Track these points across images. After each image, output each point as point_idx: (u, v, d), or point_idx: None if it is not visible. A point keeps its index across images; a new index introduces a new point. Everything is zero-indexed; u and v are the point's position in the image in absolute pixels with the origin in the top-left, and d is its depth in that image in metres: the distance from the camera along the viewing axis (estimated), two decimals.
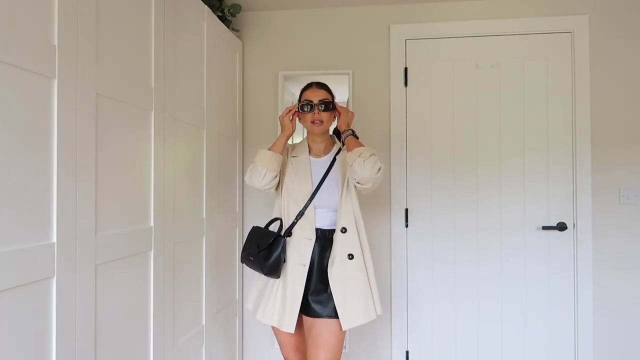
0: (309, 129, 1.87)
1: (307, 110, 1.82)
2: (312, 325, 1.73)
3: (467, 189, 2.49)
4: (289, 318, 1.71)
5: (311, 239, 1.75)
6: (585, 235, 2.37)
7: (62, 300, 1.14)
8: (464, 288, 2.48)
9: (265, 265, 1.72)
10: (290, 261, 1.75)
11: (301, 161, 1.86)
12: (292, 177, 1.83)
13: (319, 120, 1.81)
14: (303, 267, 1.73)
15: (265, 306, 1.77)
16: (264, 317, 1.76)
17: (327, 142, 1.92)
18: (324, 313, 1.71)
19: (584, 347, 2.37)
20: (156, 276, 1.62)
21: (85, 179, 1.23)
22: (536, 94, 2.45)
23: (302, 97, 1.88)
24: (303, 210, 1.78)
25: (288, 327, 1.71)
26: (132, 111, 1.48)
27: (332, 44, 2.60)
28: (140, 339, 1.54)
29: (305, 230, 1.76)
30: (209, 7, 2.18)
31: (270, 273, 1.73)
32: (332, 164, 1.84)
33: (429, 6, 2.52)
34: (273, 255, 1.71)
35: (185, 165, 1.88)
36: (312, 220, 1.77)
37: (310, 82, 1.90)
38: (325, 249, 1.77)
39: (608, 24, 2.39)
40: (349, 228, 1.75)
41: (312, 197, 1.78)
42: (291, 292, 1.72)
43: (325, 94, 1.85)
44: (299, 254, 1.75)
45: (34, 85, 1.06)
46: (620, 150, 2.37)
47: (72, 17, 1.18)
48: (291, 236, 1.78)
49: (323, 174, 1.82)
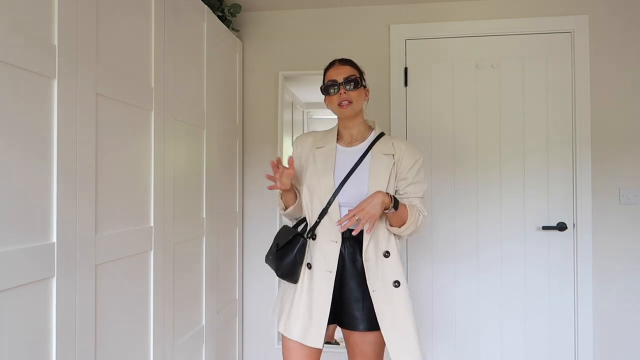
0: (338, 113, 1.62)
1: (333, 92, 1.58)
2: (349, 335, 1.58)
3: (467, 188, 2.49)
4: (315, 332, 1.50)
5: (337, 241, 1.53)
6: (585, 235, 2.37)
7: (62, 300, 1.14)
8: (464, 288, 2.48)
9: (279, 265, 1.55)
10: (316, 267, 1.54)
11: (325, 152, 1.62)
12: (314, 171, 1.59)
13: (347, 100, 1.56)
14: (330, 273, 1.52)
15: (289, 317, 1.56)
16: (287, 330, 1.55)
17: (361, 127, 1.65)
18: (360, 326, 1.53)
19: (584, 347, 2.37)
20: (156, 276, 1.62)
21: (85, 178, 1.23)
22: (536, 94, 2.45)
23: (325, 77, 1.64)
24: (326, 209, 1.55)
25: (314, 342, 1.49)
26: (132, 111, 1.48)
27: (332, 44, 2.60)
28: (140, 339, 1.53)
29: (330, 232, 1.54)
30: (209, 7, 2.18)
31: (284, 276, 1.56)
32: (365, 153, 1.59)
33: (429, 6, 2.52)
34: (289, 256, 1.54)
35: (185, 165, 1.88)
36: (337, 219, 1.53)
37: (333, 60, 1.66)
38: (355, 251, 1.55)
39: (608, 24, 2.39)
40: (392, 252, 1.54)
41: (335, 192, 1.54)
42: (317, 302, 1.52)
43: (350, 69, 1.60)
44: (324, 258, 1.54)
45: (34, 85, 1.06)
46: (620, 150, 2.37)
47: (72, 17, 1.18)
48: (316, 239, 1.57)
49: (352, 166, 1.57)
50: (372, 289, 1.51)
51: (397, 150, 1.60)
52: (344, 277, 1.55)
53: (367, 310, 1.53)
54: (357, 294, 1.54)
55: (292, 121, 2.89)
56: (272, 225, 2.62)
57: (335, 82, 1.57)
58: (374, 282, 1.51)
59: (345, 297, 1.55)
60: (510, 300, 2.45)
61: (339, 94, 1.57)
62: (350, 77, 1.57)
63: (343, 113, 1.59)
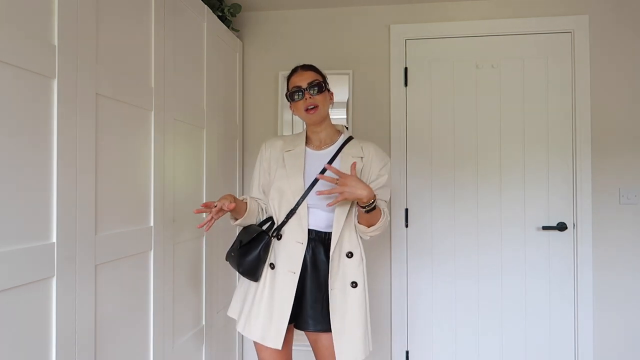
0: (305, 119, 1.63)
1: (298, 98, 1.59)
2: (317, 338, 1.58)
3: (467, 188, 2.49)
4: (275, 333, 1.50)
5: (303, 242, 1.54)
6: (585, 235, 2.37)
7: (62, 300, 1.14)
8: (464, 288, 2.48)
9: (242, 262, 1.53)
10: (280, 267, 1.54)
11: (294, 155, 1.62)
12: (283, 173, 1.60)
13: (313, 105, 1.57)
14: (293, 274, 1.52)
15: (248, 317, 1.55)
16: (245, 330, 1.55)
17: (329, 130, 1.67)
18: (313, 327, 1.54)
19: (584, 347, 2.37)
20: (156, 276, 1.62)
21: (85, 178, 1.23)
22: (536, 93, 2.45)
23: (289, 84, 1.65)
24: (294, 209, 1.55)
25: (274, 343, 1.50)
26: (132, 111, 1.48)
27: (332, 44, 2.60)
28: (140, 339, 1.53)
29: (297, 233, 1.54)
30: (209, 7, 2.18)
31: (246, 273, 1.55)
32: (334, 156, 1.61)
33: (429, 6, 2.52)
34: (252, 252, 1.52)
35: (185, 165, 1.88)
36: (305, 221, 1.55)
37: (295, 66, 1.67)
38: (319, 252, 1.57)
39: (608, 24, 2.39)
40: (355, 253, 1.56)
41: (305, 194, 1.55)
42: (279, 302, 1.52)
43: (313, 74, 1.62)
44: (289, 259, 1.53)
45: (34, 85, 1.06)
46: (620, 150, 2.37)
47: (72, 17, 1.18)
48: (281, 239, 1.57)
49: (321, 169, 1.58)
50: (331, 288, 1.53)
51: (365, 153, 1.62)
52: (304, 279, 1.56)
53: (324, 311, 1.54)
54: (315, 295, 1.55)
55: (292, 121, 2.89)
56: None
57: (300, 88, 1.59)
58: (334, 281, 1.53)
59: (304, 298, 1.56)
60: (510, 301, 2.45)
61: (304, 99, 1.58)
62: (314, 82, 1.58)
63: (310, 119, 1.60)
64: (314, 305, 1.55)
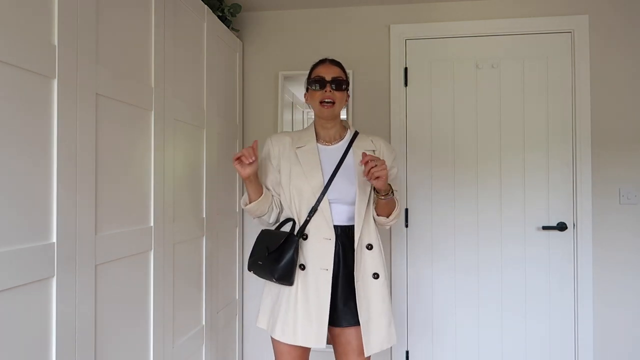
0: (317, 112, 1.62)
1: (316, 88, 1.58)
2: (341, 333, 1.58)
3: (467, 189, 2.49)
4: (317, 331, 1.48)
5: (331, 238, 1.53)
6: (585, 235, 2.37)
7: (62, 300, 1.14)
8: (464, 287, 2.48)
9: (276, 268, 1.50)
10: (310, 266, 1.52)
11: (307, 151, 1.61)
12: (299, 170, 1.58)
13: (330, 100, 1.57)
14: (326, 271, 1.51)
15: (285, 322, 1.52)
16: (285, 336, 1.51)
17: (339, 127, 1.68)
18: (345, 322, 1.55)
19: (584, 347, 2.37)
20: (156, 276, 1.62)
21: (85, 179, 1.23)
22: (536, 93, 2.45)
23: (312, 73, 1.64)
24: (316, 206, 1.54)
25: (316, 342, 1.48)
26: (132, 111, 1.48)
27: (332, 44, 2.60)
28: (140, 339, 1.53)
29: (323, 229, 1.54)
30: (209, 7, 2.18)
31: (282, 278, 1.51)
32: (346, 151, 1.62)
33: (429, 6, 2.52)
34: (285, 257, 1.50)
35: (185, 165, 1.88)
36: (329, 216, 1.54)
37: (323, 58, 1.68)
38: (347, 247, 1.57)
39: (608, 24, 2.40)
40: (375, 245, 1.59)
41: (325, 189, 1.55)
42: (316, 301, 1.50)
43: (339, 71, 1.62)
44: (319, 257, 1.52)
45: (34, 85, 1.06)
46: (620, 150, 2.37)
47: (72, 17, 1.18)
48: (307, 238, 1.55)
49: (336, 164, 1.59)
50: (356, 280, 1.55)
51: (377, 147, 1.68)
52: (336, 275, 1.56)
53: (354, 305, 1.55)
54: (347, 291, 1.56)
55: (292, 121, 2.89)
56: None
57: (323, 80, 1.59)
58: (357, 273, 1.55)
59: (338, 295, 1.56)
60: (510, 300, 2.45)
61: (323, 91, 1.58)
62: (338, 79, 1.60)
63: (323, 113, 1.60)
64: (347, 302, 1.56)
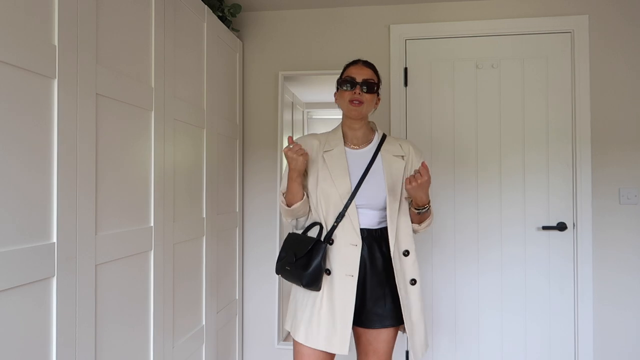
0: (346, 111, 1.62)
1: (347, 88, 1.59)
2: (363, 334, 1.60)
3: (467, 189, 2.49)
4: (340, 338, 1.48)
5: (357, 244, 1.52)
6: (585, 235, 2.37)
7: (62, 300, 1.14)
8: (464, 288, 2.48)
9: (304, 275, 1.50)
10: (336, 272, 1.52)
11: (335, 155, 1.60)
12: (326, 175, 1.58)
13: (358, 100, 1.57)
14: (352, 278, 1.50)
15: (309, 326, 1.52)
16: (309, 340, 1.51)
17: (366, 129, 1.67)
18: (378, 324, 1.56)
19: (584, 347, 2.37)
20: (156, 276, 1.62)
21: (85, 178, 1.23)
22: (536, 93, 2.45)
23: (344, 73, 1.65)
24: (343, 212, 1.54)
25: (339, 349, 1.48)
26: (132, 111, 1.48)
27: (332, 44, 2.60)
28: (141, 339, 1.53)
29: (349, 235, 1.53)
30: (209, 7, 2.18)
31: (309, 284, 1.51)
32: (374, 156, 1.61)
33: (429, 6, 2.52)
34: (313, 264, 1.49)
35: (185, 165, 1.88)
36: (356, 222, 1.53)
37: (357, 58, 1.69)
38: (375, 250, 1.57)
39: (608, 24, 2.40)
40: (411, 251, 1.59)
41: (352, 195, 1.55)
42: (340, 307, 1.50)
43: (371, 73, 1.63)
44: (345, 263, 1.52)
45: (34, 85, 1.06)
46: (620, 150, 2.37)
47: (72, 17, 1.18)
48: (333, 243, 1.55)
49: (364, 168, 1.59)
50: (399, 288, 1.55)
51: (405, 152, 1.67)
52: (365, 279, 1.56)
53: (389, 307, 1.56)
54: (378, 293, 1.57)
55: (292, 121, 2.89)
56: (272, 225, 2.62)
57: (354, 80, 1.59)
58: (398, 280, 1.55)
59: (367, 297, 1.56)
60: (510, 300, 2.45)
61: (353, 92, 1.58)
62: (369, 81, 1.59)
63: (351, 112, 1.59)
64: (377, 303, 1.56)
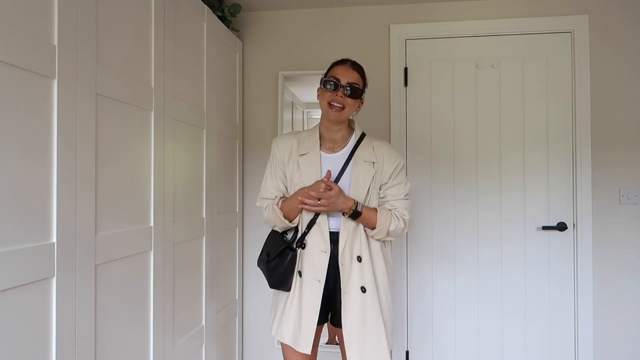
0: (325, 112, 1.58)
1: (329, 88, 1.54)
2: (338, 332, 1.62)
3: (467, 189, 2.49)
4: (304, 338, 1.53)
5: (326, 251, 1.54)
6: (585, 235, 2.37)
7: (62, 300, 1.14)
8: (464, 288, 2.48)
9: (271, 276, 1.58)
10: (306, 275, 1.56)
11: (310, 159, 1.59)
12: (300, 181, 1.58)
13: (339, 104, 1.53)
14: (319, 282, 1.54)
15: (281, 322, 1.59)
16: (278, 334, 1.59)
17: (344, 131, 1.63)
18: None
19: (584, 347, 2.37)
20: (156, 276, 1.62)
21: (85, 179, 1.23)
22: (536, 93, 2.45)
23: (329, 71, 1.59)
24: (314, 219, 1.55)
25: (303, 347, 1.53)
26: (132, 111, 1.48)
27: (332, 44, 2.60)
28: (140, 339, 1.53)
29: (319, 242, 1.55)
30: (209, 7, 2.18)
31: (275, 286, 1.59)
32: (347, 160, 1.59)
33: (429, 6, 2.52)
34: (280, 268, 1.55)
35: (185, 165, 1.88)
36: (326, 230, 1.55)
37: (345, 58, 1.63)
38: None
39: (608, 24, 2.39)
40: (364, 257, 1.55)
41: None
42: (307, 309, 1.55)
43: (358, 77, 1.57)
44: (314, 268, 1.55)
45: (34, 85, 1.06)
46: (620, 150, 2.37)
47: (72, 17, 1.18)
48: (305, 247, 1.57)
49: (337, 174, 1.57)
50: (344, 292, 1.55)
51: (378, 157, 1.61)
52: (335, 281, 1.58)
53: None
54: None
55: (292, 121, 2.89)
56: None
57: (338, 82, 1.54)
58: (345, 285, 1.55)
59: (338, 297, 1.58)
60: (510, 300, 2.45)
61: (335, 93, 1.54)
62: (354, 85, 1.55)
63: (330, 115, 1.57)
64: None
